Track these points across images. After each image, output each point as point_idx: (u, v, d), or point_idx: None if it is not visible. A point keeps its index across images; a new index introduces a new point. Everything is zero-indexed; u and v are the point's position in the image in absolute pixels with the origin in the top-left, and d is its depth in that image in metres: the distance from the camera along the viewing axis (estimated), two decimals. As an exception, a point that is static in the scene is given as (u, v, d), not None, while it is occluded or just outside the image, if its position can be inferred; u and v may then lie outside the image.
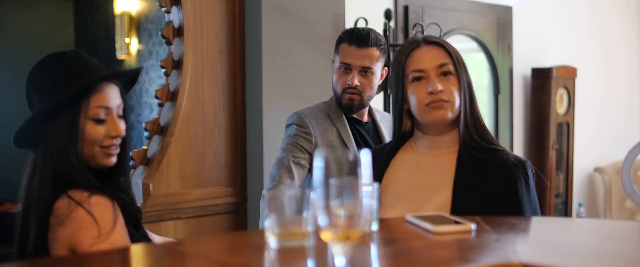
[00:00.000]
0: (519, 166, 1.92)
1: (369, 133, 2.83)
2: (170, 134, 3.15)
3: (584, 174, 6.04)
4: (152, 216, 3.08)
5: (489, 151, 1.96)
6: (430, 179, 1.95)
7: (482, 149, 1.95)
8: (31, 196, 1.74)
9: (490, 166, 1.93)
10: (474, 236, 1.45)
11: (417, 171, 1.99)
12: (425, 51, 1.99)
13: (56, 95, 1.77)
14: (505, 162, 1.93)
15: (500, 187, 1.89)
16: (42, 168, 1.75)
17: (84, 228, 1.63)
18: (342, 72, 2.71)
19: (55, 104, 1.76)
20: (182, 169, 3.20)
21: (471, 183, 1.90)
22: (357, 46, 2.67)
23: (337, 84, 2.73)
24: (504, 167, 1.92)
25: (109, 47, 5.55)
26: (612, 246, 1.47)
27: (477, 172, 1.92)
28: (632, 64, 6.50)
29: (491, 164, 1.93)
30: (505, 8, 5.19)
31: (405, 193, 1.97)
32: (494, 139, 2.03)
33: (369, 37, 2.68)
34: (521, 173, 1.91)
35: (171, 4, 3.22)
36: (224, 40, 3.32)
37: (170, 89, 3.22)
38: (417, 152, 2.03)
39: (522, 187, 1.89)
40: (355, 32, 2.71)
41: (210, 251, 1.42)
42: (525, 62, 5.41)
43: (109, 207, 1.69)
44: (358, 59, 2.67)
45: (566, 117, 5.55)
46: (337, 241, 1.14)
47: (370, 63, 2.69)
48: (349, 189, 1.13)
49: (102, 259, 1.38)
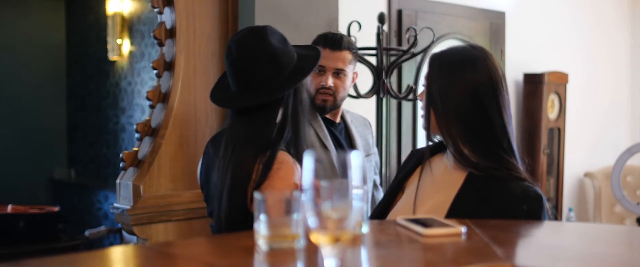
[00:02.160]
0: (524, 200, 1.77)
1: (341, 134, 2.96)
2: (161, 135, 3.14)
3: (575, 179, 6.06)
4: (142, 218, 3.06)
5: (495, 175, 1.81)
6: (434, 195, 1.89)
7: (486, 170, 1.82)
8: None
9: (492, 193, 1.79)
10: (464, 238, 1.45)
11: (428, 185, 1.93)
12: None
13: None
14: (511, 192, 1.78)
15: (491, 217, 1.74)
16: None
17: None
18: (316, 74, 2.84)
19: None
20: (173, 171, 3.19)
21: (468, 207, 1.78)
22: (331, 49, 2.82)
23: (310, 85, 2.83)
24: (508, 198, 1.78)
25: (100, 48, 5.53)
26: (601, 249, 1.47)
27: (478, 196, 1.80)
28: (623, 71, 6.53)
29: (493, 190, 1.79)
30: (498, 13, 5.20)
31: (405, 206, 1.96)
32: (511, 163, 1.83)
33: (342, 40, 2.85)
34: (523, 208, 1.76)
35: (164, 5, 3.21)
36: (216, 42, 3.31)
37: (162, 90, 3.21)
38: (441, 164, 1.95)
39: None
40: (329, 36, 2.88)
41: (200, 253, 1.42)
42: (518, 68, 5.43)
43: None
44: (332, 61, 2.82)
45: (557, 123, 5.57)
46: (327, 243, 1.14)
47: (343, 65, 2.84)
48: (340, 191, 1.13)
49: (92, 259, 1.37)
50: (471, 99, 1.82)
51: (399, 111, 4.37)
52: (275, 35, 2.13)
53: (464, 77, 1.84)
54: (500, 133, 1.83)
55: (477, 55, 1.87)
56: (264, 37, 2.10)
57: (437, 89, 1.87)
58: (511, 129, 1.86)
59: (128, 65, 5.27)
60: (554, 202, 5.63)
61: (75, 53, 6.12)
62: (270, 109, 2.11)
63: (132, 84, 5.21)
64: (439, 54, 1.94)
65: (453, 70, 1.86)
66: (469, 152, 1.85)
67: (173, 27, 3.20)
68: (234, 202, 2.07)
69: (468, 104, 1.83)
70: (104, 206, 5.33)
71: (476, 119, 1.83)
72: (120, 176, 3.17)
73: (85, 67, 5.91)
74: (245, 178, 2.05)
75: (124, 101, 5.32)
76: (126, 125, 5.28)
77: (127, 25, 5.26)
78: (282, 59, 2.10)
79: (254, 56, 2.08)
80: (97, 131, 5.71)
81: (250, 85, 2.10)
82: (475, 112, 1.83)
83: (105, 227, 4.12)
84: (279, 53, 2.09)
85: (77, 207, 5.69)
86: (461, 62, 1.87)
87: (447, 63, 1.89)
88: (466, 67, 1.85)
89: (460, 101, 1.83)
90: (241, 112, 2.15)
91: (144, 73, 5.08)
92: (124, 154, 3.15)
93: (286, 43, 2.16)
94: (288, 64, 2.12)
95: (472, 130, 1.83)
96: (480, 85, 1.83)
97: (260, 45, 2.08)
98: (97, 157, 5.73)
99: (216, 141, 2.22)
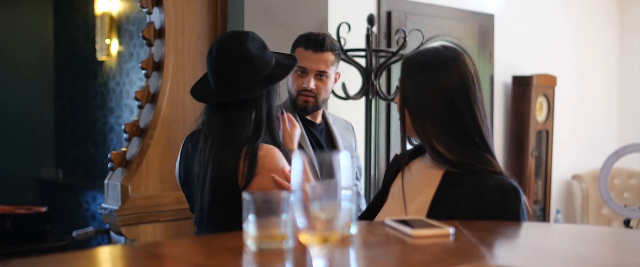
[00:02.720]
0: (499, 192, 1.77)
1: (321, 135, 2.92)
2: (149, 136, 3.14)
3: (562, 181, 6.08)
4: (130, 219, 3.06)
5: (470, 171, 1.82)
6: (417, 197, 1.90)
7: (462, 167, 1.83)
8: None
9: (467, 188, 1.79)
10: (452, 239, 1.46)
11: (411, 188, 1.94)
12: None
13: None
14: (485, 185, 1.78)
15: (470, 212, 1.75)
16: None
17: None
18: (297, 76, 2.80)
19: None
20: (162, 172, 3.18)
21: (447, 205, 1.79)
22: (313, 51, 2.78)
23: (292, 87, 2.82)
24: (482, 190, 1.78)
25: (89, 48, 5.52)
26: (588, 251, 1.48)
27: (455, 192, 1.80)
28: (611, 74, 6.57)
29: (468, 185, 1.79)
30: (487, 16, 5.22)
31: (390, 205, 1.97)
32: (486, 158, 1.84)
33: (324, 41, 2.79)
34: (498, 200, 1.76)
35: (152, 5, 3.21)
36: (205, 42, 3.31)
37: (151, 90, 3.21)
38: (420, 165, 1.97)
39: (492, 217, 1.75)
40: (311, 37, 2.82)
41: (188, 253, 1.42)
42: (506, 70, 5.45)
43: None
44: (314, 63, 2.78)
45: (545, 125, 5.59)
46: (315, 243, 1.14)
47: (325, 67, 2.80)
48: (328, 192, 1.13)
49: (80, 259, 1.37)
50: (443, 98, 1.85)
51: (388, 113, 4.38)
52: (254, 42, 2.28)
53: (435, 77, 1.87)
54: (473, 130, 1.85)
55: (448, 56, 1.90)
56: (243, 42, 2.25)
57: (409, 90, 1.90)
58: (486, 126, 1.88)
59: (116, 66, 5.26)
60: (541, 204, 5.65)
61: (63, 53, 6.10)
62: (244, 108, 2.25)
63: (121, 84, 5.20)
64: (411, 56, 1.98)
65: (424, 71, 1.89)
66: (444, 150, 1.86)
67: (162, 27, 3.19)
68: (216, 195, 2.21)
69: (440, 103, 1.85)
70: (92, 206, 5.31)
71: (448, 118, 1.85)
72: (108, 177, 3.16)
73: (74, 67, 5.89)
74: (229, 173, 2.19)
75: (112, 101, 5.31)
76: (114, 125, 5.27)
77: (115, 25, 5.25)
78: (257, 64, 2.24)
79: (230, 58, 2.24)
80: (85, 131, 5.69)
81: (226, 85, 2.25)
82: (447, 111, 1.85)
83: (93, 227, 4.11)
84: (254, 58, 2.24)
85: (64, 208, 5.67)
86: (432, 63, 1.90)
87: (419, 64, 1.92)
88: (437, 67, 1.88)
89: (432, 101, 1.86)
90: (216, 108, 2.30)
91: (132, 73, 5.07)
92: (112, 155, 3.14)
93: (265, 49, 2.30)
94: (263, 69, 2.26)
95: (444, 129, 1.86)
96: (451, 85, 1.85)
97: (238, 49, 2.24)
98: (85, 157, 5.71)
99: (194, 138, 2.35)
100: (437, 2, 4.82)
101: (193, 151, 2.31)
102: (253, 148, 2.20)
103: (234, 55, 2.24)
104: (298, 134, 2.52)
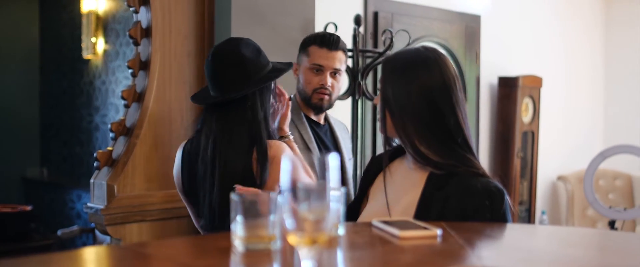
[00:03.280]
0: (486, 195, 1.77)
1: (326, 136, 2.96)
2: (136, 135, 3.12)
3: (548, 182, 6.11)
4: (116, 218, 3.04)
5: (454, 172, 1.82)
6: (401, 199, 1.89)
7: (445, 168, 1.84)
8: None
9: (454, 191, 1.79)
10: (440, 241, 1.46)
11: (393, 190, 1.94)
12: None
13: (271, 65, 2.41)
14: (472, 188, 1.78)
15: (457, 215, 1.75)
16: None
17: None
18: (313, 74, 2.85)
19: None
20: (148, 171, 3.17)
21: (434, 208, 1.79)
22: (328, 49, 2.84)
23: (307, 85, 2.86)
24: (470, 194, 1.78)
25: (75, 46, 5.48)
26: (573, 252, 1.49)
27: (441, 195, 1.80)
28: (596, 76, 6.61)
29: (455, 188, 1.80)
30: (473, 17, 5.24)
31: (373, 208, 1.97)
32: (469, 159, 1.85)
33: (338, 41, 2.88)
34: (486, 204, 1.76)
35: (139, 4, 3.19)
36: (192, 42, 3.30)
37: (137, 90, 3.19)
38: (401, 166, 1.97)
39: (478, 219, 1.75)
40: (325, 36, 2.88)
41: (176, 253, 1.41)
42: (492, 71, 5.47)
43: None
44: (330, 60, 2.84)
45: (531, 126, 5.62)
46: (303, 244, 1.14)
47: (340, 65, 2.87)
48: (317, 193, 1.13)
49: (66, 259, 1.36)
50: (425, 99, 1.85)
51: (374, 113, 4.38)
52: (248, 47, 2.38)
53: (417, 78, 1.87)
54: (455, 131, 1.86)
55: (429, 56, 1.91)
56: (236, 46, 2.36)
57: (391, 91, 1.90)
58: (467, 126, 1.89)
59: (102, 64, 5.23)
60: (527, 205, 5.68)
61: (49, 51, 6.06)
62: (239, 107, 2.33)
63: (107, 83, 5.18)
64: (392, 57, 1.97)
65: (406, 72, 1.89)
66: (426, 151, 1.86)
67: (149, 26, 3.18)
68: (225, 196, 2.16)
69: (422, 104, 1.85)
70: (77, 205, 5.28)
71: (430, 118, 1.85)
72: (94, 176, 3.14)
73: (59, 66, 5.85)
74: (238, 173, 2.27)
75: (98, 100, 5.28)
76: (100, 124, 5.24)
77: (101, 24, 5.22)
78: (248, 66, 2.33)
79: (223, 61, 2.35)
80: (70, 130, 5.66)
81: (219, 86, 2.35)
82: (429, 111, 1.85)
83: (78, 226, 4.09)
84: (246, 60, 2.33)
85: (49, 207, 5.64)
86: (414, 63, 1.90)
87: (400, 66, 1.91)
88: (419, 68, 1.88)
89: (414, 102, 1.86)
90: (213, 109, 2.38)
91: (118, 72, 5.05)
92: (98, 154, 3.13)
93: (258, 54, 2.39)
94: (256, 71, 2.35)
95: (427, 129, 1.86)
96: (434, 85, 1.86)
97: (230, 53, 2.35)
98: (70, 156, 5.68)
99: (193, 143, 2.42)
100: (424, 3, 4.84)
101: (195, 154, 2.37)
102: (261, 147, 2.28)
103: (227, 58, 2.34)
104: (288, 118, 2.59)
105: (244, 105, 2.32)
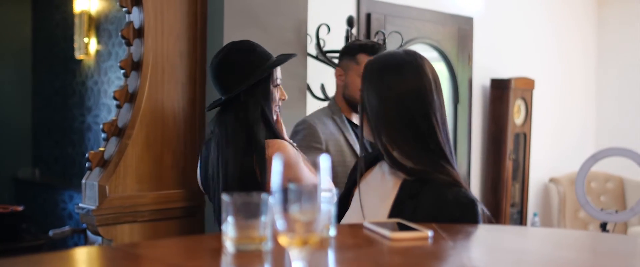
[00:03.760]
0: (457, 207, 1.75)
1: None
2: (128, 136, 3.12)
3: (540, 184, 6.13)
4: (108, 219, 3.04)
5: (426, 179, 1.80)
6: (375, 204, 1.89)
7: (417, 174, 1.82)
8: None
9: (425, 200, 1.78)
10: (431, 242, 1.46)
11: (366, 195, 1.93)
12: None
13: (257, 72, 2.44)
14: (443, 199, 1.76)
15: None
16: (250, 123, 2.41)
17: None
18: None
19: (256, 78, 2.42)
20: (140, 172, 3.16)
21: (406, 215, 1.74)
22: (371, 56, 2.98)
23: (355, 89, 2.96)
24: (440, 205, 1.76)
25: (67, 47, 5.47)
26: (564, 254, 1.49)
27: (412, 203, 1.79)
28: (588, 78, 6.63)
29: (426, 197, 1.78)
30: (466, 19, 5.25)
31: (349, 214, 1.97)
32: (442, 166, 1.82)
33: (380, 49, 3.02)
34: (457, 215, 1.73)
35: (132, 4, 3.19)
36: (185, 42, 3.29)
37: (129, 90, 3.18)
38: (379, 172, 1.96)
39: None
40: (375, 45, 3.03)
41: (167, 254, 1.41)
42: (485, 73, 5.48)
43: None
44: None
45: (523, 128, 5.63)
46: (294, 245, 1.14)
47: None
48: (308, 194, 1.13)
49: (57, 260, 1.36)
50: (397, 104, 1.84)
51: (367, 114, 4.38)
52: (240, 50, 2.51)
53: (390, 82, 1.86)
54: (428, 137, 1.84)
55: (405, 60, 1.89)
56: (229, 50, 2.51)
57: (366, 96, 1.89)
58: (442, 132, 1.86)
59: (95, 64, 5.22)
60: (519, 206, 5.69)
61: (41, 51, 6.04)
62: (233, 109, 2.45)
63: (99, 84, 5.17)
64: (372, 61, 1.96)
65: (381, 76, 1.88)
66: (399, 156, 1.85)
67: (141, 26, 3.17)
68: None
69: (394, 110, 1.84)
70: (69, 206, 5.27)
71: (402, 125, 1.84)
72: (86, 176, 3.13)
73: (51, 66, 5.84)
74: (237, 173, 2.38)
75: (90, 100, 5.27)
76: (92, 124, 5.23)
77: (94, 24, 5.21)
78: (237, 68, 2.45)
79: (214, 67, 2.52)
80: (62, 130, 5.64)
81: (218, 91, 2.54)
82: (401, 117, 1.84)
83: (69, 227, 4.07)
84: (236, 64, 2.46)
85: (41, 207, 5.62)
86: (388, 68, 1.89)
87: (377, 69, 1.91)
88: (392, 72, 1.87)
89: (386, 108, 1.85)
90: (217, 112, 2.55)
91: (110, 72, 5.04)
92: (90, 154, 3.12)
93: (251, 54, 2.49)
94: (247, 72, 2.45)
95: (398, 135, 1.85)
96: (406, 91, 1.85)
97: (223, 58, 2.50)
98: (62, 156, 5.67)
99: (207, 143, 2.60)
100: (417, 4, 4.84)
101: (207, 154, 2.57)
102: (258, 146, 2.37)
103: (220, 64, 2.49)
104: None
105: (237, 105, 2.43)
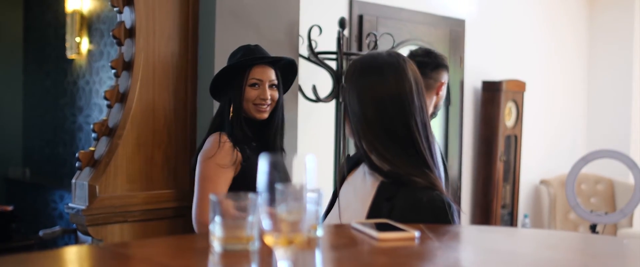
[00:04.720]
0: (431, 210, 1.74)
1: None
2: (118, 136, 3.11)
3: (530, 186, 6.14)
4: (98, 219, 3.03)
5: (399, 181, 1.79)
6: (353, 204, 1.88)
7: (393, 177, 1.81)
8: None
9: (399, 203, 1.76)
10: (418, 243, 1.47)
11: (346, 195, 1.93)
12: None
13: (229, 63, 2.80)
14: (417, 202, 1.75)
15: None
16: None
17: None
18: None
19: (228, 70, 2.76)
20: (130, 172, 3.16)
21: (381, 216, 1.75)
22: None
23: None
24: (414, 208, 1.75)
25: (59, 46, 5.46)
26: (554, 256, 1.50)
27: (388, 205, 1.78)
28: (579, 81, 6.65)
29: (401, 200, 1.77)
30: (458, 21, 5.26)
31: (332, 214, 1.98)
32: (420, 170, 1.81)
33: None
34: (431, 219, 1.72)
35: (123, 4, 3.18)
36: (176, 43, 3.29)
37: (120, 90, 3.18)
38: (360, 172, 1.94)
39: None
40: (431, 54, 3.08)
41: (155, 253, 1.41)
42: (476, 75, 5.49)
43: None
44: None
45: (514, 130, 5.64)
46: (281, 245, 1.14)
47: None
48: (294, 194, 1.13)
49: (46, 259, 1.36)
50: (375, 106, 1.82)
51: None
52: (235, 53, 2.84)
53: (369, 84, 1.84)
54: (406, 140, 1.82)
55: (387, 62, 1.86)
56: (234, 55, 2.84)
57: (347, 97, 1.88)
58: (421, 135, 1.83)
59: (86, 64, 5.21)
60: (509, 208, 5.70)
61: (32, 50, 6.03)
62: (218, 113, 2.85)
63: (90, 83, 5.16)
64: (355, 61, 1.94)
65: (361, 78, 1.86)
66: (376, 158, 1.83)
67: (133, 26, 3.17)
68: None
69: (372, 111, 1.83)
70: (60, 206, 5.26)
71: (379, 128, 1.83)
72: (76, 176, 3.13)
73: (43, 65, 5.82)
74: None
75: (81, 100, 5.26)
76: (83, 124, 5.22)
77: (86, 24, 5.20)
78: (219, 77, 2.80)
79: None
80: (53, 130, 5.63)
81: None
82: (379, 119, 1.82)
83: (60, 227, 4.07)
84: (218, 73, 2.79)
85: (31, 207, 5.60)
86: (369, 69, 1.87)
87: (358, 70, 1.88)
88: (373, 74, 1.85)
89: (364, 110, 1.83)
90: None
91: (102, 72, 5.03)
92: (80, 154, 3.11)
93: (232, 58, 2.85)
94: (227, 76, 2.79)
95: (376, 138, 1.83)
96: (385, 93, 1.82)
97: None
98: (52, 156, 5.65)
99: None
100: (409, 6, 4.85)
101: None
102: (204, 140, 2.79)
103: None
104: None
105: (220, 109, 2.84)
